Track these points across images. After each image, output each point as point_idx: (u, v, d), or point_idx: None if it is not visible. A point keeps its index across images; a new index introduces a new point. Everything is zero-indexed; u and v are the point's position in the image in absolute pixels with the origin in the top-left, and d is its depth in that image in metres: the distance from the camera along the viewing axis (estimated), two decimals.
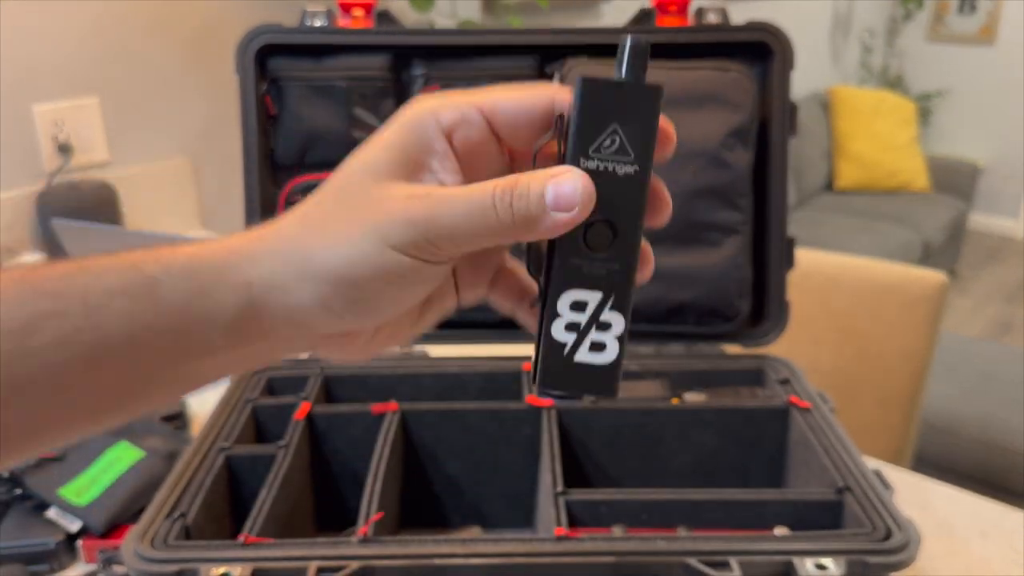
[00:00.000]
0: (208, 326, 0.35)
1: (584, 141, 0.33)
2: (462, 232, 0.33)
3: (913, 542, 0.62)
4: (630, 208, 0.34)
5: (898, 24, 4.57)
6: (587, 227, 0.33)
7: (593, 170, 0.33)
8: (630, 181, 0.33)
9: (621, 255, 0.34)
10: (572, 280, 0.34)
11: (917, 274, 1.35)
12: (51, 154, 1.58)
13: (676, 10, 0.88)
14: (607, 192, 0.33)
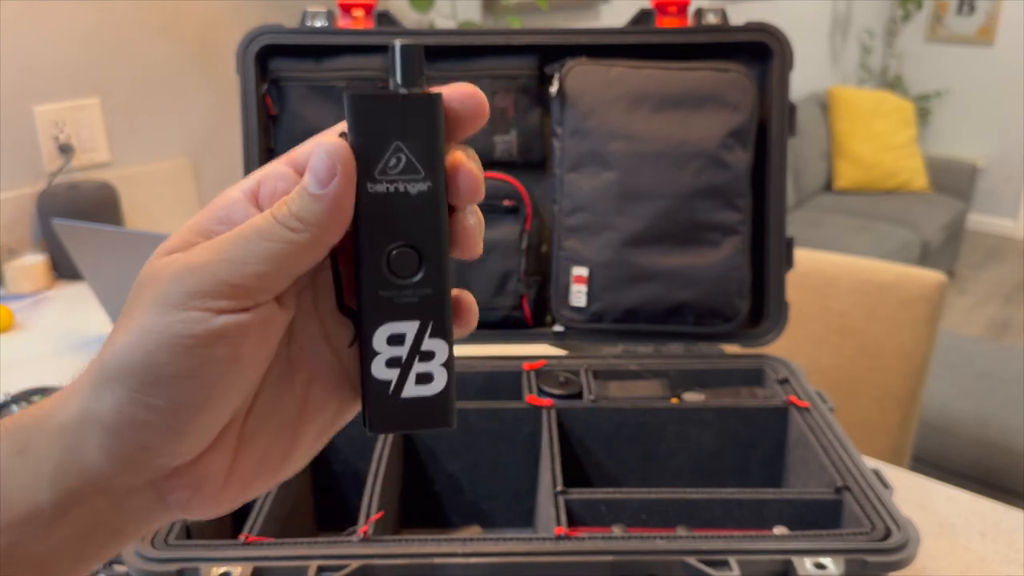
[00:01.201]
0: (31, 488, 0.29)
1: (367, 164, 0.30)
2: (252, 257, 0.29)
3: (912, 541, 0.62)
4: (430, 227, 0.31)
5: (897, 24, 4.58)
6: (389, 255, 0.30)
7: (383, 193, 0.30)
8: (425, 199, 0.30)
9: (431, 278, 0.31)
10: (383, 314, 0.31)
11: (916, 274, 1.35)
12: (52, 154, 1.58)
13: (676, 11, 0.88)
14: (402, 214, 0.30)
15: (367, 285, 0.31)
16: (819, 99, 3.96)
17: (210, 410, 0.30)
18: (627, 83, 0.87)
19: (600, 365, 0.89)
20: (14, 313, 1.36)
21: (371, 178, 0.30)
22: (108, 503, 0.30)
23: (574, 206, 0.90)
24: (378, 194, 0.30)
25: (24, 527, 0.29)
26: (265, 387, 0.33)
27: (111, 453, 0.30)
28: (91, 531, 0.31)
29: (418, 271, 0.31)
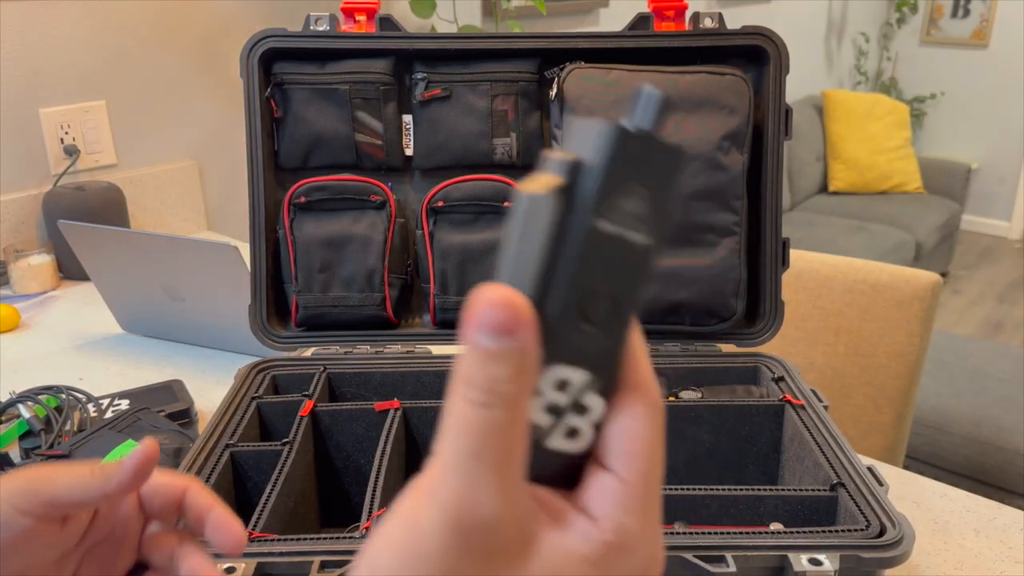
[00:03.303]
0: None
1: (606, 198, 0.28)
2: (62, 485, 0.41)
3: (907, 538, 0.62)
4: (634, 282, 0.29)
5: (892, 28, 4.59)
6: (585, 294, 0.28)
7: (608, 233, 0.28)
8: (641, 253, 0.29)
9: (615, 333, 0.29)
10: (559, 354, 0.29)
11: (910, 274, 1.36)
12: (58, 156, 1.59)
13: (673, 15, 0.89)
14: (616, 261, 0.28)
15: (554, 321, 0.28)
16: (814, 102, 3.97)
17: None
18: (625, 86, 0.88)
19: None
20: (21, 313, 1.36)
21: (603, 214, 0.28)
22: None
23: None
24: (603, 232, 0.28)
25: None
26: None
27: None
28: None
29: (606, 321, 0.29)
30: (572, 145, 0.29)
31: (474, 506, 0.26)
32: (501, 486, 0.27)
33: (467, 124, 0.92)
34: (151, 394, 1.00)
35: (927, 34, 4.57)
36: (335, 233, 0.91)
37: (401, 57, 0.92)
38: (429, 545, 0.26)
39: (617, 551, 0.28)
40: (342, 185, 0.92)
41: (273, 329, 0.91)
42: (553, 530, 0.28)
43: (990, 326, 3.64)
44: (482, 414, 0.26)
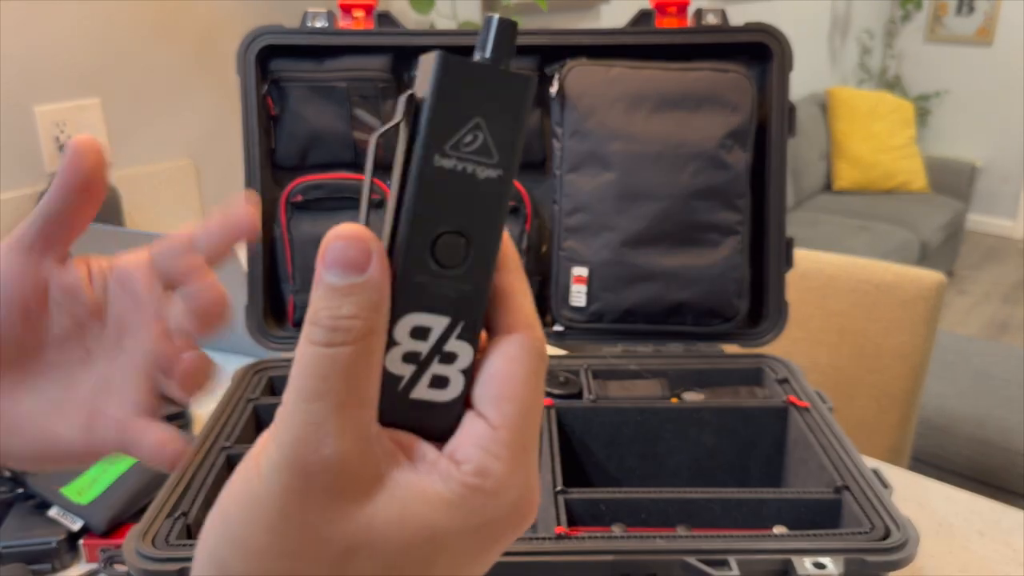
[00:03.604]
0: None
1: (441, 133, 0.27)
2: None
3: (911, 541, 0.62)
4: (488, 219, 0.28)
5: (896, 25, 4.58)
6: (437, 238, 0.27)
7: (448, 170, 0.27)
8: (490, 187, 0.28)
9: (475, 274, 0.28)
10: (414, 301, 0.28)
11: (915, 274, 1.35)
12: (53, 155, 1.58)
13: (675, 11, 0.88)
14: (464, 198, 0.27)
15: (404, 266, 0.28)
16: (818, 99, 3.96)
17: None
18: (626, 84, 0.88)
19: (600, 365, 0.89)
20: None
21: (440, 150, 0.27)
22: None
23: (574, 206, 0.90)
24: (444, 169, 0.27)
25: None
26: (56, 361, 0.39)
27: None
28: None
29: (463, 263, 0.28)
30: (417, 82, 0.28)
31: (315, 445, 0.26)
32: (345, 425, 0.26)
33: None
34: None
35: (931, 32, 4.55)
36: None
37: (400, 54, 0.91)
38: (268, 488, 0.26)
39: (480, 494, 0.27)
40: (340, 184, 0.91)
41: (270, 329, 0.91)
42: (410, 471, 0.28)
43: (995, 326, 3.62)
44: (325, 352, 0.26)
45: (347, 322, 0.26)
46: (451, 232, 0.28)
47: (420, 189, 0.27)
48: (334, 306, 0.26)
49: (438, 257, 0.28)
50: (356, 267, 0.26)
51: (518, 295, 0.30)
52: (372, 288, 0.27)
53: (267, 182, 0.91)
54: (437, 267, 0.28)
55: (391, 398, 0.28)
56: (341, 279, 0.26)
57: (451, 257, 0.28)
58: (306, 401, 0.26)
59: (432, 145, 0.27)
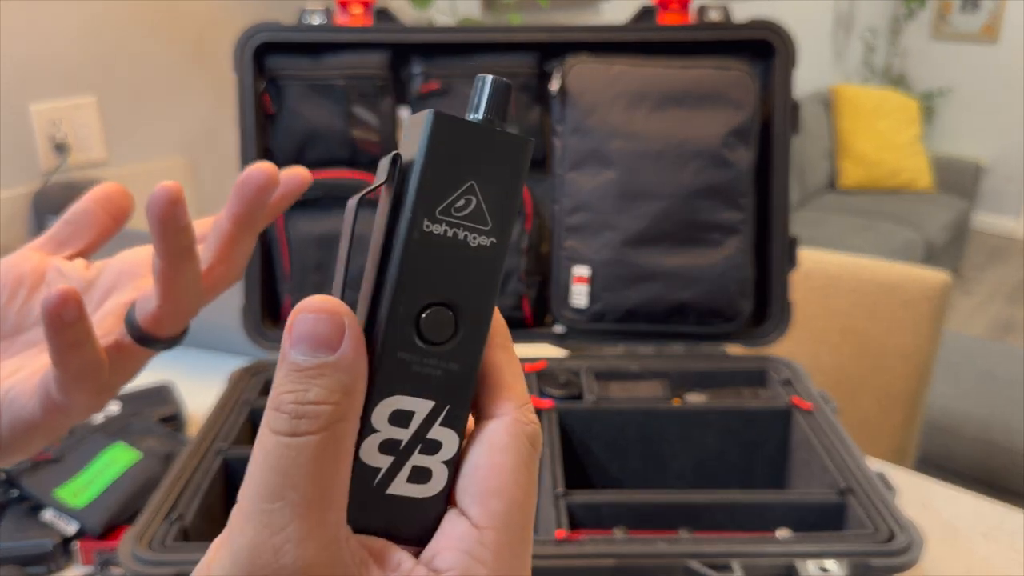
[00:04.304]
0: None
1: (432, 197, 0.25)
2: None
3: (916, 544, 0.62)
4: (480, 291, 0.25)
5: (901, 22, 4.57)
6: (423, 310, 0.25)
7: (439, 236, 0.25)
8: (483, 255, 0.25)
9: (463, 351, 0.25)
10: (396, 382, 0.25)
11: (919, 274, 1.34)
12: (48, 153, 1.58)
13: (678, 7, 0.87)
14: (453, 267, 0.25)
15: (385, 342, 0.25)
16: (822, 97, 3.95)
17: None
18: (628, 81, 0.87)
19: (601, 366, 0.89)
20: None
21: (430, 215, 0.25)
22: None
23: (574, 205, 0.89)
24: (433, 235, 0.25)
25: None
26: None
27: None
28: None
29: (451, 339, 0.25)
30: (403, 142, 0.26)
31: (273, 553, 0.22)
32: (309, 530, 0.23)
33: None
34: (141, 397, 0.98)
35: (936, 29, 4.54)
36: (330, 231, 0.89)
37: (398, 51, 0.90)
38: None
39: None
40: (337, 182, 0.90)
41: (266, 329, 0.90)
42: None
43: (1000, 327, 3.61)
44: (288, 443, 0.23)
45: (314, 408, 0.23)
46: (439, 304, 0.25)
47: (406, 257, 0.25)
48: (300, 389, 0.23)
49: (423, 332, 0.25)
50: (326, 344, 0.23)
51: (507, 373, 0.27)
52: (344, 369, 0.23)
53: None
54: (422, 344, 0.25)
55: (364, 494, 0.25)
56: (309, 358, 0.23)
57: (438, 332, 0.25)
58: (264, 501, 0.23)
59: (421, 209, 0.25)
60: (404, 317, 0.25)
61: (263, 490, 0.23)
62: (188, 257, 0.34)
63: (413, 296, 0.25)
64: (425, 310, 0.25)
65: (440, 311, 0.25)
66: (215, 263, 0.37)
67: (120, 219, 0.40)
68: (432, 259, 0.25)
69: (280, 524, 0.22)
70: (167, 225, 0.33)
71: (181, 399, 1.00)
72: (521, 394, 0.27)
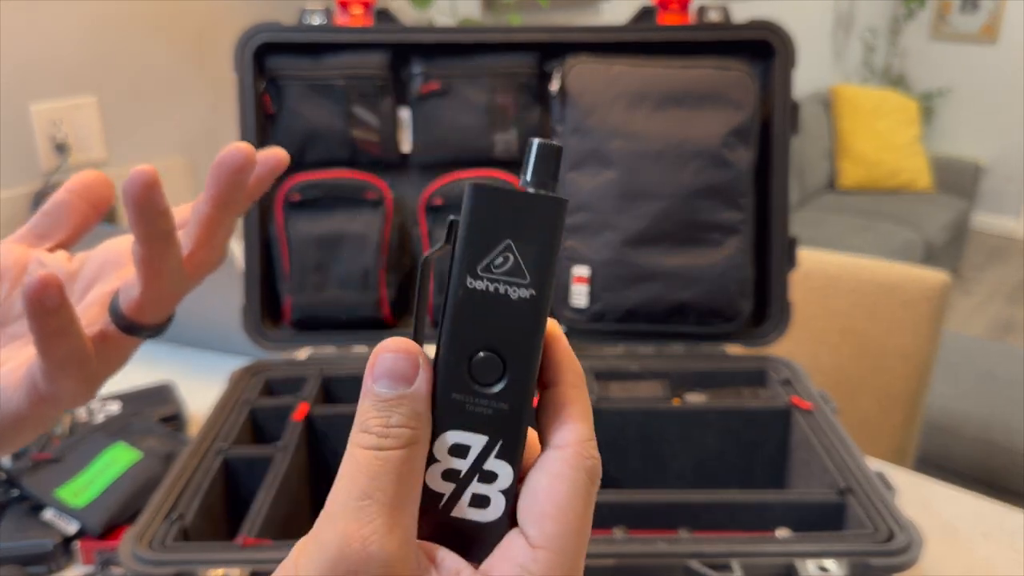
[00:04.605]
0: None
1: (472, 257, 0.28)
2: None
3: (915, 543, 0.62)
4: (523, 338, 0.29)
5: (900, 23, 4.57)
6: (473, 357, 0.29)
7: (481, 291, 0.28)
8: (523, 307, 0.29)
9: (512, 393, 0.29)
10: (453, 418, 0.29)
11: (919, 274, 1.34)
12: (48, 153, 1.58)
13: (678, 8, 0.87)
14: (497, 318, 0.29)
15: (442, 383, 0.29)
16: (822, 97, 3.95)
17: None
18: (628, 81, 0.87)
19: (601, 366, 0.89)
20: None
21: (472, 272, 0.28)
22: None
23: (575, 205, 0.89)
24: (476, 290, 0.28)
25: None
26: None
27: None
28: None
29: (499, 381, 0.29)
30: (463, 208, 0.29)
31: (363, 542, 0.26)
32: (393, 526, 0.26)
33: (466, 119, 0.90)
34: (142, 397, 0.98)
35: (936, 29, 4.54)
36: (330, 231, 0.89)
37: (398, 51, 0.90)
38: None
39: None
40: (337, 182, 0.90)
41: (266, 329, 0.90)
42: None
43: (1000, 327, 3.61)
44: (377, 455, 0.27)
45: (397, 430, 0.27)
46: (486, 350, 0.29)
47: (454, 310, 0.29)
48: (384, 415, 0.27)
49: (474, 375, 0.29)
50: (404, 379, 0.28)
51: (573, 409, 0.29)
52: (418, 400, 0.28)
53: None
54: (474, 385, 0.29)
55: (432, 515, 0.29)
56: (390, 390, 0.28)
57: (487, 375, 0.29)
58: (355, 499, 0.26)
59: (463, 267, 0.28)
60: (456, 362, 0.29)
61: (354, 491, 0.26)
62: (168, 242, 0.35)
63: (463, 344, 0.29)
64: (475, 356, 0.29)
65: (488, 357, 0.29)
66: (196, 248, 0.37)
67: (101, 208, 0.40)
68: (477, 311, 0.29)
69: (368, 517, 0.26)
70: (144, 209, 0.33)
71: (182, 399, 1.01)
72: (585, 430, 0.29)
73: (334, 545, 0.26)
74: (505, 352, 0.29)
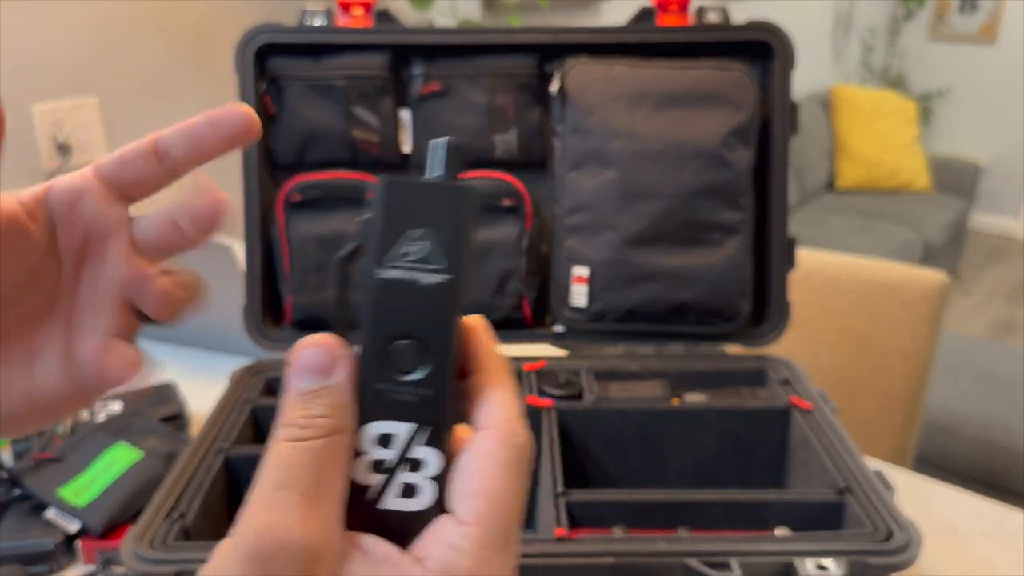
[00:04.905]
0: None
1: (383, 247, 0.29)
2: None
3: (914, 543, 0.62)
4: (438, 323, 0.29)
5: (899, 23, 4.57)
6: (390, 345, 0.29)
7: (394, 280, 0.29)
8: (437, 292, 0.29)
9: (433, 378, 0.29)
10: (377, 409, 0.29)
11: (918, 274, 1.35)
12: (50, 154, 1.58)
13: (677, 9, 0.88)
14: (412, 305, 0.29)
15: (364, 375, 0.29)
16: (821, 98, 3.95)
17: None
18: (628, 82, 0.87)
19: (601, 366, 0.89)
20: None
21: (381, 263, 0.29)
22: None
23: (575, 205, 0.89)
24: (389, 280, 0.29)
25: None
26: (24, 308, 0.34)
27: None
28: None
29: (420, 368, 0.29)
30: (373, 204, 0.31)
31: (281, 531, 0.25)
32: (312, 513, 0.26)
33: (466, 120, 0.90)
34: (143, 396, 0.98)
35: (935, 30, 4.54)
36: (330, 231, 0.90)
37: (399, 52, 0.90)
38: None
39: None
40: (338, 183, 0.90)
41: (268, 329, 0.90)
42: (371, 567, 0.27)
43: (999, 327, 3.61)
44: (294, 447, 0.27)
45: (318, 420, 0.27)
46: (402, 338, 0.29)
47: (369, 300, 0.29)
48: (304, 408, 0.28)
49: (394, 363, 0.29)
50: (323, 372, 0.28)
51: (497, 391, 0.30)
52: (339, 390, 0.28)
53: (264, 181, 0.91)
54: (395, 373, 0.29)
55: (361, 509, 0.28)
56: (310, 383, 0.28)
57: (406, 363, 0.29)
58: (273, 490, 0.26)
59: (374, 259, 0.29)
60: (374, 351, 0.29)
61: (272, 482, 0.26)
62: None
63: (378, 333, 0.29)
64: (391, 344, 0.29)
65: (407, 344, 0.29)
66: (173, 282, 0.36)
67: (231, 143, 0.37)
68: (391, 300, 0.29)
69: (287, 506, 0.26)
70: (211, 230, 0.33)
71: (183, 399, 1.01)
72: (508, 409, 0.29)
73: (252, 536, 0.25)
74: (422, 337, 0.29)
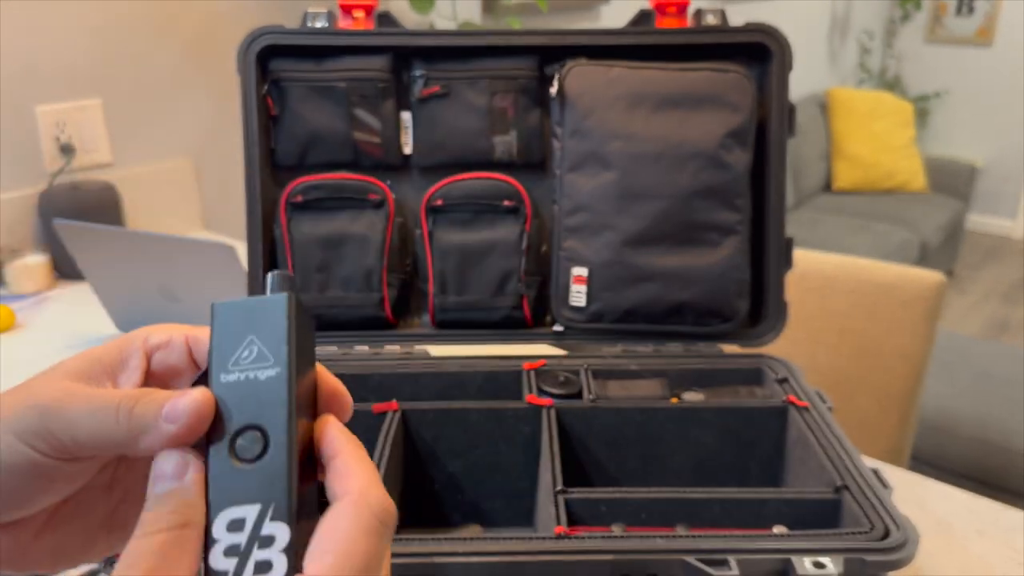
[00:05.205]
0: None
1: (222, 357, 0.33)
2: (82, 428, 0.32)
3: (911, 541, 0.62)
4: (276, 408, 0.32)
5: (896, 25, 4.58)
6: (234, 438, 0.32)
7: (233, 382, 0.33)
8: (273, 384, 0.32)
9: (274, 458, 0.32)
10: (226, 497, 0.31)
11: (915, 274, 1.35)
12: (53, 155, 1.58)
13: (675, 11, 0.88)
14: (251, 398, 0.32)
15: (212, 472, 0.32)
16: (818, 100, 3.96)
17: (17, 506, 0.34)
18: (626, 83, 0.88)
19: (600, 365, 0.89)
20: (16, 313, 1.36)
21: (224, 369, 0.33)
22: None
23: (574, 206, 0.90)
24: (230, 383, 0.32)
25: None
26: (78, 496, 0.37)
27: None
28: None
29: (263, 453, 0.32)
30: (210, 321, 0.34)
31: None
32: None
33: (466, 121, 0.91)
34: None
35: (931, 32, 4.55)
36: (332, 232, 0.90)
37: (399, 54, 0.91)
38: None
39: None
40: (339, 184, 0.91)
41: None
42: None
43: (995, 326, 3.62)
44: (142, 540, 0.30)
45: (165, 517, 0.30)
46: (246, 428, 0.32)
47: (216, 403, 0.32)
48: (155, 508, 0.30)
49: (238, 453, 0.32)
50: (175, 476, 0.31)
51: (353, 467, 0.32)
52: (187, 490, 0.31)
53: (267, 182, 0.91)
54: (239, 462, 0.32)
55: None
56: (163, 487, 0.31)
57: (250, 451, 0.32)
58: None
59: (216, 368, 0.33)
60: (220, 449, 0.32)
61: (118, 572, 0.29)
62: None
63: (223, 428, 0.32)
64: (237, 436, 0.32)
65: (249, 434, 0.32)
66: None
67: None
68: (233, 399, 0.32)
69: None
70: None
71: None
72: (359, 475, 0.32)
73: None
74: (263, 423, 0.32)
